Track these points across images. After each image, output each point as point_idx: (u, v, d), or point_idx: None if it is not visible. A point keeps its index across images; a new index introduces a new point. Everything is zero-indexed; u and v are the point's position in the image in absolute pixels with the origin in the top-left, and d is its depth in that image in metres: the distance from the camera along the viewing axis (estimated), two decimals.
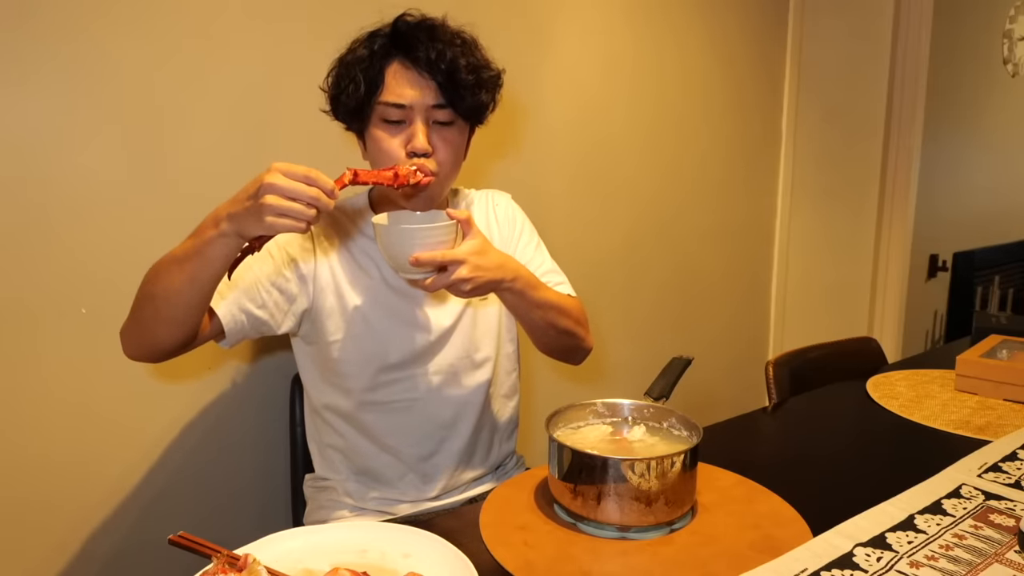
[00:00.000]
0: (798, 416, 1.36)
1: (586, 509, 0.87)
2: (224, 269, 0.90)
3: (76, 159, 1.22)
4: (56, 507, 1.27)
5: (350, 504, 1.17)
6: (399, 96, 1.03)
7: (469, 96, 1.05)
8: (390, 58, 1.04)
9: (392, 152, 1.04)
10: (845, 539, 0.84)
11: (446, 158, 1.07)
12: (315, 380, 1.18)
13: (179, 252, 0.90)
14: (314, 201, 0.83)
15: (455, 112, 1.06)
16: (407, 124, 1.04)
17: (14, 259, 1.18)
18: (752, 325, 2.71)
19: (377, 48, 1.04)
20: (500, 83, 1.12)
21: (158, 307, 0.92)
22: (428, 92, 1.03)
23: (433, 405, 1.16)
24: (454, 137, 1.08)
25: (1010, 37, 2.99)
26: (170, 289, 0.90)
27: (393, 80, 1.03)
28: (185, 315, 0.93)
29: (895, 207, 2.50)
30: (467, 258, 0.93)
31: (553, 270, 1.25)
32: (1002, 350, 1.50)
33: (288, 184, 0.82)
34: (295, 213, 0.82)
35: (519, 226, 1.27)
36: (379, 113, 1.05)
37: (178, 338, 0.96)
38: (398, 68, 1.04)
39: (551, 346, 1.17)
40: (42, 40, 1.17)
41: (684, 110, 2.26)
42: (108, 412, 1.30)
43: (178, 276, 0.89)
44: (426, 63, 1.02)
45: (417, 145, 1.03)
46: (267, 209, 0.81)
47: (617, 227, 2.14)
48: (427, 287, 0.95)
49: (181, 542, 0.71)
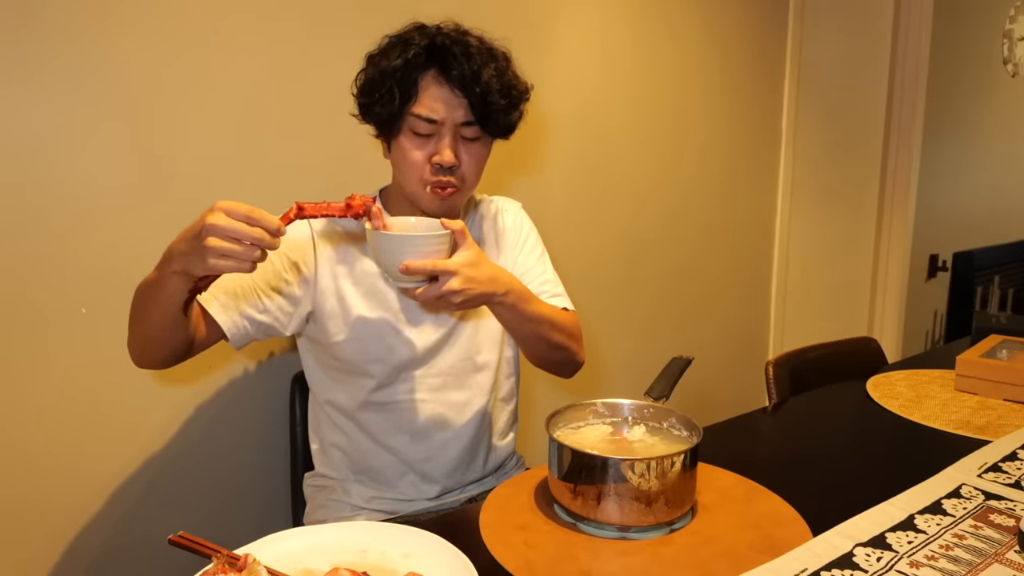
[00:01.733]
0: (798, 416, 1.36)
1: (586, 509, 0.87)
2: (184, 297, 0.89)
3: (77, 160, 1.22)
4: (56, 505, 1.27)
5: (350, 504, 1.17)
6: (431, 111, 1.03)
7: (500, 117, 1.06)
8: (424, 71, 1.04)
9: (417, 163, 1.06)
10: (845, 539, 0.84)
11: (470, 171, 1.08)
12: (319, 376, 1.19)
13: (147, 281, 0.91)
14: (257, 242, 0.80)
15: (484, 130, 1.07)
16: (435, 137, 1.05)
17: (15, 259, 1.18)
18: (752, 325, 2.71)
19: (412, 58, 1.03)
20: (528, 98, 1.12)
21: (143, 330, 0.95)
22: (459, 110, 1.04)
23: (434, 407, 1.16)
24: (479, 151, 1.09)
25: (1010, 37, 2.99)
26: (144, 315, 0.93)
27: (426, 94, 1.04)
28: (166, 335, 0.95)
29: (895, 207, 2.50)
30: (459, 269, 0.92)
31: (552, 281, 1.25)
32: (1002, 350, 1.50)
33: (229, 224, 0.79)
34: (237, 255, 0.80)
35: (524, 234, 1.27)
36: (409, 124, 1.05)
37: (170, 352, 0.98)
38: (431, 82, 1.04)
39: (542, 359, 1.18)
40: (44, 41, 1.17)
41: (683, 109, 2.26)
42: (108, 411, 1.30)
43: (148, 304, 0.91)
44: (459, 81, 1.02)
45: (444, 160, 1.04)
46: (209, 251, 0.79)
47: (616, 227, 2.14)
48: (417, 297, 0.93)
49: (181, 542, 0.71)
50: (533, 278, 1.22)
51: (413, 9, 1.12)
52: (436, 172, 1.06)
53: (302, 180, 1.46)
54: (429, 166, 1.05)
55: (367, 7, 1.48)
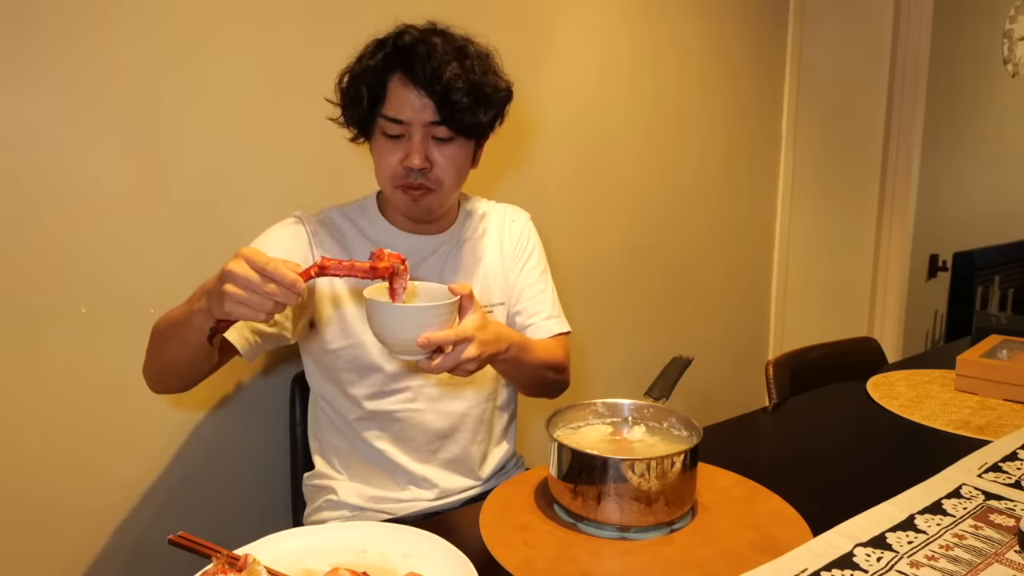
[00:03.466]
0: (798, 416, 1.36)
1: (586, 509, 0.87)
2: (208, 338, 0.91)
3: (76, 163, 1.22)
4: (54, 506, 1.27)
5: (349, 504, 1.17)
6: (397, 111, 1.03)
7: (466, 116, 1.04)
8: (391, 72, 1.03)
9: (389, 165, 1.05)
10: (845, 539, 0.84)
11: (445, 174, 1.07)
12: (318, 379, 1.19)
13: (175, 315, 0.93)
14: (271, 296, 0.80)
15: (452, 130, 1.05)
16: (406, 139, 1.04)
17: (15, 260, 1.18)
18: (752, 325, 2.71)
19: (380, 60, 1.04)
20: (508, 98, 1.10)
21: (166, 362, 0.97)
22: (426, 109, 1.03)
23: (430, 416, 1.16)
24: (454, 152, 1.07)
25: (1010, 37, 2.99)
26: (169, 349, 0.94)
27: (393, 95, 1.03)
28: (190, 368, 0.97)
29: (895, 207, 2.50)
30: (475, 335, 0.89)
31: (550, 302, 1.26)
32: (1002, 350, 1.50)
33: (245, 273, 0.79)
34: (252, 303, 0.80)
35: (529, 249, 1.27)
36: (380, 126, 1.05)
37: (192, 381, 1.01)
38: (398, 83, 1.03)
39: (533, 393, 1.22)
40: (43, 46, 1.17)
41: (683, 111, 2.26)
42: (107, 412, 1.30)
43: (175, 339, 0.93)
44: (423, 80, 1.01)
45: (412, 162, 1.03)
46: (227, 297, 0.80)
47: (616, 227, 2.14)
48: (432, 369, 0.88)
49: (181, 542, 0.71)
50: (534, 295, 1.23)
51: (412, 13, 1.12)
52: (407, 174, 1.05)
53: (301, 183, 1.46)
54: (401, 168, 1.05)
55: (366, 11, 1.48)
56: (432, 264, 1.17)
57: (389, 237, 1.15)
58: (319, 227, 1.13)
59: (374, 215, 1.17)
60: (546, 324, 1.23)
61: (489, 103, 1.07)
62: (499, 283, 1.22)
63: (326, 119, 1.14)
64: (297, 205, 1.19)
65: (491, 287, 1.21)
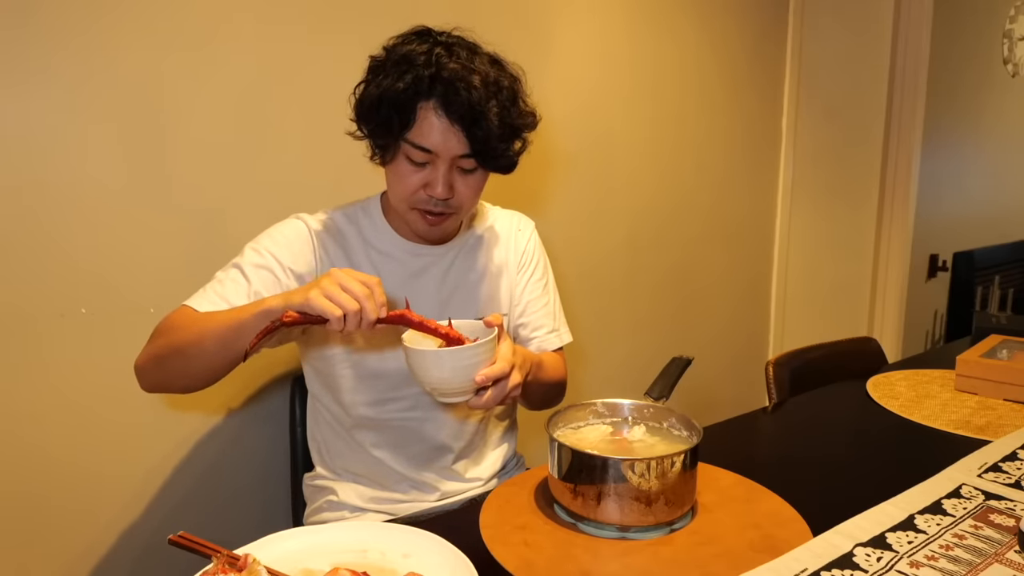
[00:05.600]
0: (798, 416, 1.36)
1: (586, 509, 0.87)
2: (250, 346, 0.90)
3: (76, 163, 1.22)
4: (54, 506, 1.27)
5: (349, 504, 1.17)
6: (427, 141, 0.99)
7: (500, 154, 1.02)
8: (424, 98, 0.98)
9: (410, 188, 1.03)
10: (845, 539, 0.84)
11: (464, 201, 1.06)
12: (317, 385, 1.19)
13: (219, 318, 0.92)
14: (362, 299, 0.84)
15: (480, 163, 1.03)
16: (430, 166, 1.02)
17: (15, 260, 1.18)
18: (752, 325, 2.71)
19: (411, 83, 0.97)
20: (534, 127, 1.08)
21: (188, 364, 0.95)
22: (457, 143, 0.99)
23: (428, 424, 1.16)
24: (475, 181, 1.06)
25: (1010, 37, 2.99)
26: (205, 352, 0.92)
27: (424, 122, 0.99)
28: (219, 371, 0.96)
29: (895, 207, 2.50)
30: (515, 362, 0.93)
31: (553, 315, 1.26)
32: (1002, 350, 1.50)
33: (347, 278, 0.85)
34: (338, 299, 0.83)
35: (535, 259, 1.26)
36: (404, 150, 1.01)
37: (205, 384, 0.99)
38: (430, 111, 0.98)
39: (535, 407, 1.24)
40: (43, 42, 1.17)
41: (683, 110, 2.26)
42: (107, 412, 1.30)
43: (212, 341, 0.91)
44: (458, 115, 0.97)
45: (437, 193, 1.02)
46: (319, 286, 0.84)
47: (617, 227, 2.14)
48: (484, 405, 0.91)
49: (181, 542, 0.71)
50: (536, 309, 1.23)
51: (415, 9, 1.11)
52: (428, 200, 1.04)
53: (302, 185, 1.46)
54: (423, 194, 1.03)
55: (371, 11, 1.48)
56: (435, 273, 1.16)
57: (392, 244, 1.14)
58: (321, 228, 1.12)
59: (379, 220, 1.15)
60: (548, 338, 1.24)
61: (519, 135, 1.05)
62: (503, 293, 1.22)
63: (333, 116, 1.13)
64: (298, 207, 1.19)
65: (495, 297, 1.21)
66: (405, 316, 0.88)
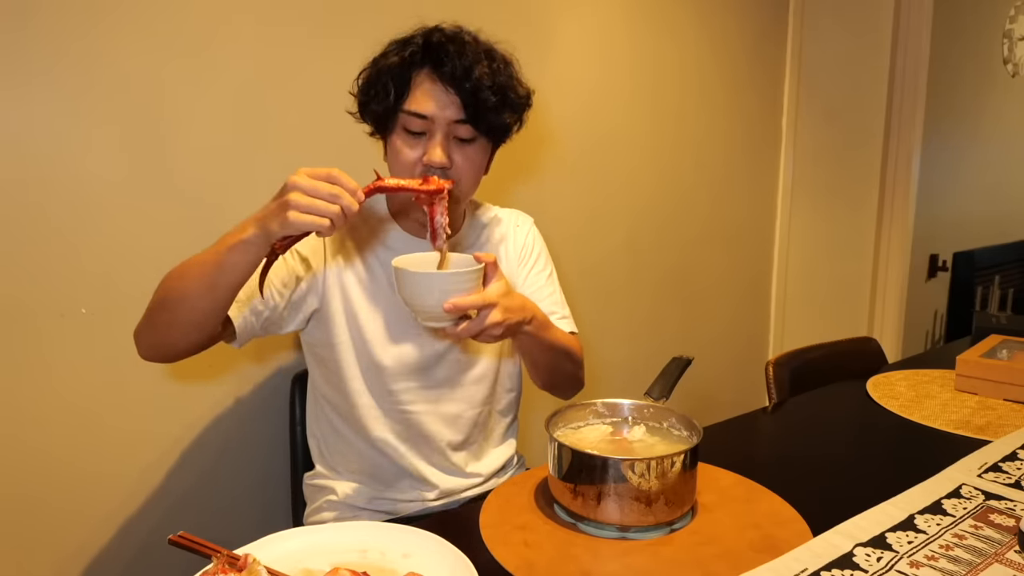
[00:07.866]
0: (798, 416, 1.36)
1: (586, 509, 0.87)
2: (244, 277, 0.90)
3: (77, 162, 1.22)
4: (54, 506, 1.27)
5: (350, 504, 1.17)
6: (421, 107, 1.02)
7: (492, 115, 1.04)
8: (418, 68, 1.03)
9: (409, 163, 1.04)
10: (845, 539, 0.84)
11: (464, 174, 1.06)
12: (319, 377, 1.19)
13: (199, 259, 0.91)
14: (335, 198, 0.83)
15: (476, 130, 1.05)
16: (427, 136, 1.04)
17: (15, 260, 1.18)
18: (752, 325, 2.71)
19: (407, 56, 1.03)
20: (529, 104, 1.11)
21: (175, 313, 0.93)
22: (451, 107, 1.02)
23: (429, 418, 1.16)
24: (474, 154, 1.07)
25: (1010, 37, 2.99)
26: (188, 295, 0.91)
27: (419, 90, 1.03)
28: (203, 320, 0.94)
29: (895, 207, 2.50)
30: (498, 300, 0.92)
31: (559, 303, 1.26)
32: (1002, 350, 1.50)
33: (310, 183, 0.83)
34: (317, 209, 0.82)
35: (535, 252, 1.27)
36: (402, 122, 1.04)
37: (194, 342, 0.97)
38: (425, 79, 1.03)
39: (552, 384, 1.21)
40: (46, 42, 1.17)
41: (683, 110, 2.26)
42: (107, 412, 1.30)
43: (196, 283, 0.90)
44: (451, 78, 1.01)
45: (434, 159, 1.02)
46: (291, 204, 0.82)
47: (617, 227, 2.14)
48: (458, 334, 0.92)
49: (181, 542, 0.71)
50: (543, 297, 1.23)
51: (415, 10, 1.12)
52: (426, 172, 1.04)
53: None
54: (421, 167, 1.04)
55: (369, 9, 1.48)
56: None
57: (396, 241, 1.15)
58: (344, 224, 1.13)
59: (384, 215, 1.16)
60: (560, 324, 1.22)
61: (513, 106, 1.07)
62: None
63: (332, 117, 1.14)
64: None
65: None
66: (381, 186, 0.90)
